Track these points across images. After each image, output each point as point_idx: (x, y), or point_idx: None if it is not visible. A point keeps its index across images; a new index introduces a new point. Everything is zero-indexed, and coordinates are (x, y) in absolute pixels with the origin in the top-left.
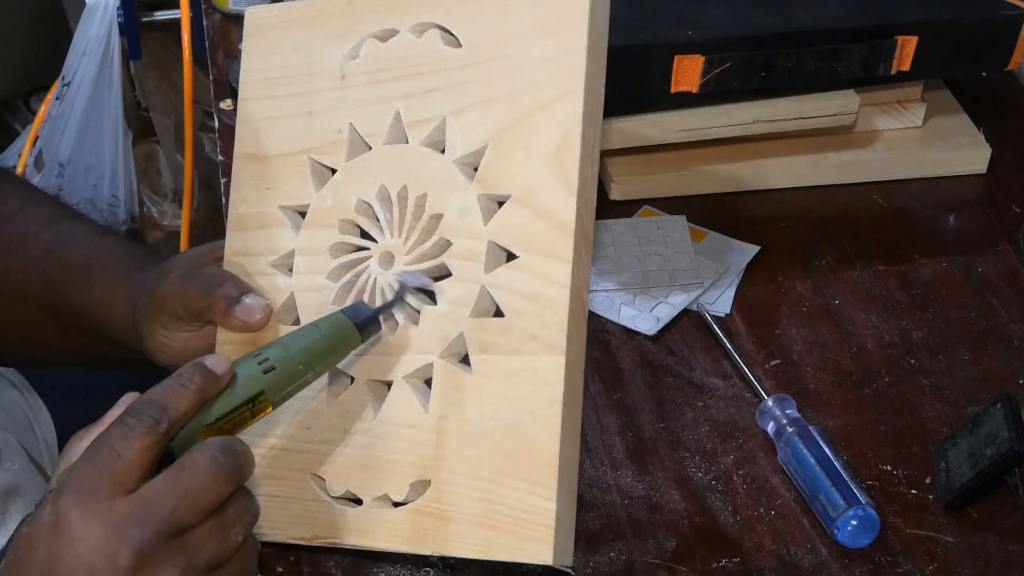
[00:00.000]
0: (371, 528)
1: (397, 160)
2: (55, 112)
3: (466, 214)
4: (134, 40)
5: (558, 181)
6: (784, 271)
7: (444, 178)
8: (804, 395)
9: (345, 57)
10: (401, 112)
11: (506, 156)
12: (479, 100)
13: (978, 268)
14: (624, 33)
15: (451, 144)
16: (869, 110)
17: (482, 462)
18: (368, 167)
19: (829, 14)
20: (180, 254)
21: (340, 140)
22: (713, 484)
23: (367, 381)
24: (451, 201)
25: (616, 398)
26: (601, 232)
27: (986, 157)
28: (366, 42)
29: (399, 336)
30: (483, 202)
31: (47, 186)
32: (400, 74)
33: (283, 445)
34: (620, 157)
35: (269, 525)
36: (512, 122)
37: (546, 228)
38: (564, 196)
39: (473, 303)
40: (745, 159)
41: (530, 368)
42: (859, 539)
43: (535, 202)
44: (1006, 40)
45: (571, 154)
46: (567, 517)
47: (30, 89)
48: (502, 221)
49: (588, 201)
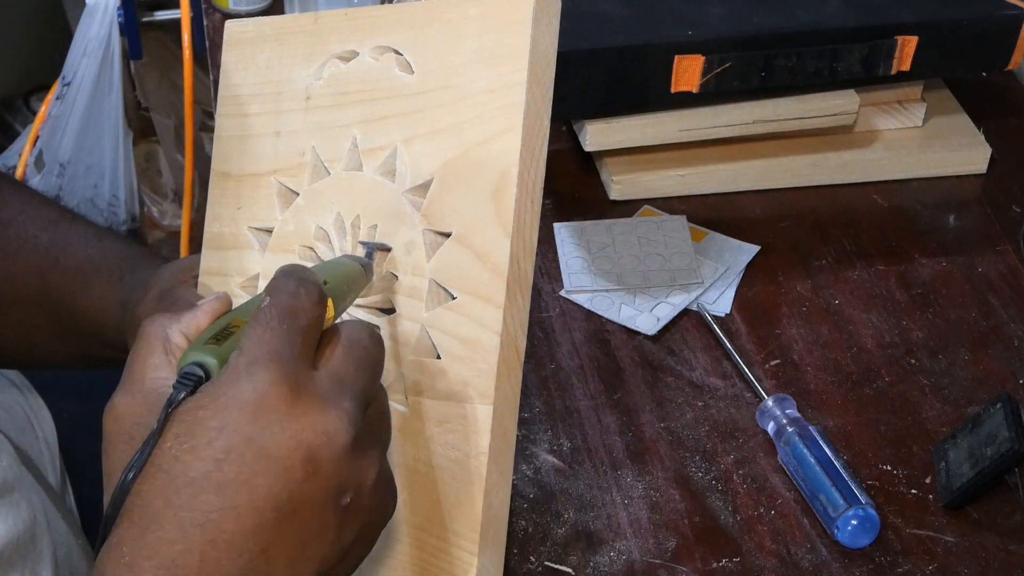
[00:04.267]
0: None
1: (353, 187)
2: (55, 112)
3: (411, 249)
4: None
5: (495, 221)
6: (784, 271)
7: (394, 210)
8: (804, 395)
9: (311, 77)
10: (358, 138)
11: (449, 191)
12: (428, 130)
13: (978, 268)
14: (624, 33)
15: (400, 174)
16: (869, 110)
17: (414, 508)
18: (326, 193)
19: (829, 14)
20: (163, 267)
21: (304, 163)
22: (713, 484)
23: None
24: (399, 234)
25: (616, 398)
26: (601, 232)
27: (986, 157)
28: (329, 63)
29: None
30: (428, 237)
31: (47, 186)
32: (359, 98)
33: None
34: (620, 157)
35: None
36: (457, 156)
37: (481, 270)
38: (499, 237)
39: (414, 342)
40: (745, 159)
41: (460, 415)
42: (859, 539)
43: (473, 241)
44: (1006, 40)
45: (508, 194)
46: (492, 570)
47: (30, 89)
48: (442, 259)
49: (527, 242)
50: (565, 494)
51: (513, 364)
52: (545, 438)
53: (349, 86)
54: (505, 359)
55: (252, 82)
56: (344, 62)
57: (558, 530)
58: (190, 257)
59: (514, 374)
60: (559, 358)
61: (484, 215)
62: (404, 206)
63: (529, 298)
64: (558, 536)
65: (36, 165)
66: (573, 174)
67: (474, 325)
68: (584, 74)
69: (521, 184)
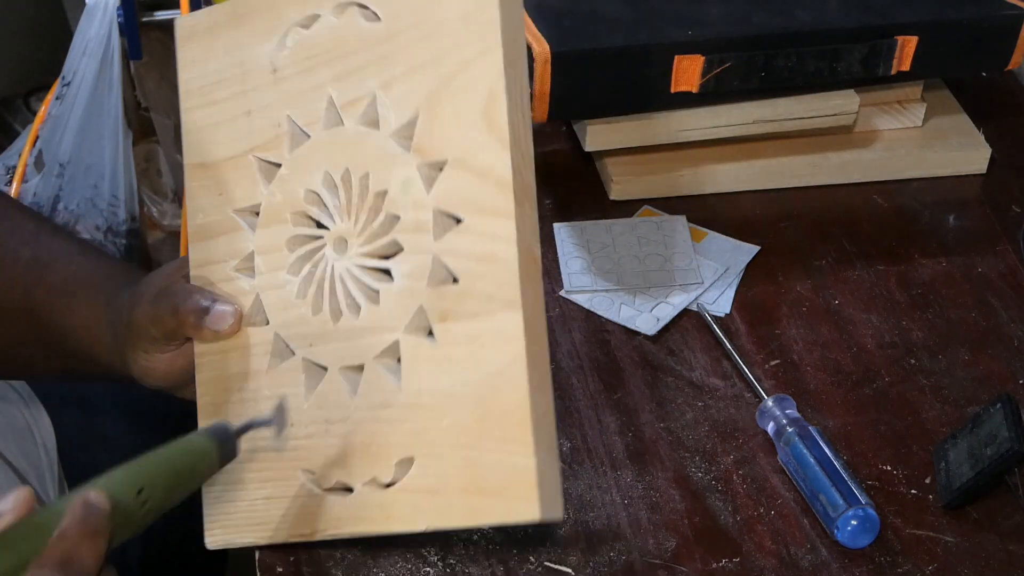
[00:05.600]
0: (366, 514)
1: (336, 144)
2: (55, 112)
3: (409, 186)
4: (134, 40)
5: (490, 137)
6: (784, 271)
7: (383, 153)
8: (804, 395)
9: (274, 50)
10: (333, 96)
11: (438, 121)
12: (404, 70)
13: (978, 268)
14: (624, 33)
15: (384, 119)
16: (869, 110)
17: (459, 430)
18: (310, 156)
19: (829, 14)
20: (151, 275)
21: (281, 134)
22: (713, 484)
23: (340, 369)
24: (393, 176)
25: (616, 398)
26: (601, 232)
27: (986, 157)
28: (291, 32)
29: (363, 319)
30: (423, 171)
31: (47, 186)
32: (327, 58)
33: (271, 446)
34: (620, 157)
35: (270, 527)
36: (438, 86)
37: (485, 186)
38: (498, 151)
39: (428, 274)
40: (745, 159)
41: (491, 329)
42: (859, 539)
43: (472, 162)
44: (1006, 40)
45: (499, 108)
46: (550, 471)
47: (30, 89)
48: (443, 187)
49: (524, 154)
50: (565, 494)
51: (532, 271)
52: None
53: (315, 49)
54: (524, 266)
55: (214, 70)
56: (306, 28)
57: (558, 530)
58: (177, 260)
59: (535, 280)
60: (559, 358)
61: (478, 134)
62: (393, 148)
63: (536, 208)
64: (558, 536)
65: (36, 165)
66: (573, 174)
67: (488, 240)
68: (584, 74)
69: (510, 98)
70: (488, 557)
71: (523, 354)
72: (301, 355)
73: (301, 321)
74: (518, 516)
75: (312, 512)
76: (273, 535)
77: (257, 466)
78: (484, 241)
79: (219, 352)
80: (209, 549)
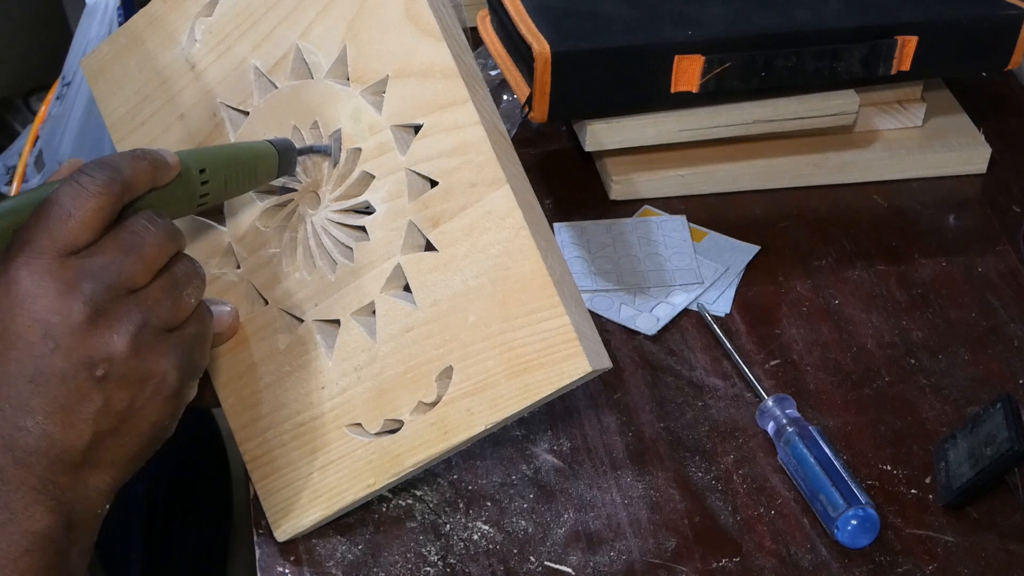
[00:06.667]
0: (423, 439)
1: (277, 107)
2: (55, 112)
3: (360, 115)
4: None
5: (421, 35)
6: (784, 271)
7: (325, 97)
8: (804, 395)
9: (186, 48)
10: (257, 64)
11: (365, 43)
12: (317, 11)
13: (978, 268)
14: (624, 33)
15: (314, 64)
16: (869, 110)
17: (486, 320)
18: (255, 129)
19: (829, 14)
20: None
21: (219, 122)
22: (713, 484)
23: (351, 315)
24: (341, 112)
25: (616, 398)
26: (601, 232)
27: (986, 157)
28: (196, 24)
29: (359, 259)
30: (368, 97)
31: None
32: (239, 32)
33: (310, 416)
34: (620, 157)
35: (334, 495)
36: (355, 14)
37: (432, 83)
38: (433, 45)
39: (406, 190)
40: (745, 159)
41: (484, 212)
42: (859, 539)
43: (412, 66)
44: (1006, 40)
45: (420, 6)
46: (585, 323)
47: (30, 89)
48: (392, 102)
49: (459, 42)
50: (565, 494)
51: (505, 146)
52: (545, 438)
53: (226, 29)
54: (496, 143)
55: (133, 92)
56: (209, 16)
57: (558, 530)
58: None
59: (510, 154)
60: None
61: (408, 39)
62: (333, 88)
63: (487, 88)
64: (558, 536)
65: (36, 165)
66: (573, 174)
67: (452, 133)
68: (584, 74)
69: None
70: (488, 557)
71: (523, 222)
72: (311, 318)
73: (299, 286)
74: (570, 375)
75: (370, 462)
76: (339, 500)
77: (302, 441)
78: (449, 135)
79: (226, 353)
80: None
